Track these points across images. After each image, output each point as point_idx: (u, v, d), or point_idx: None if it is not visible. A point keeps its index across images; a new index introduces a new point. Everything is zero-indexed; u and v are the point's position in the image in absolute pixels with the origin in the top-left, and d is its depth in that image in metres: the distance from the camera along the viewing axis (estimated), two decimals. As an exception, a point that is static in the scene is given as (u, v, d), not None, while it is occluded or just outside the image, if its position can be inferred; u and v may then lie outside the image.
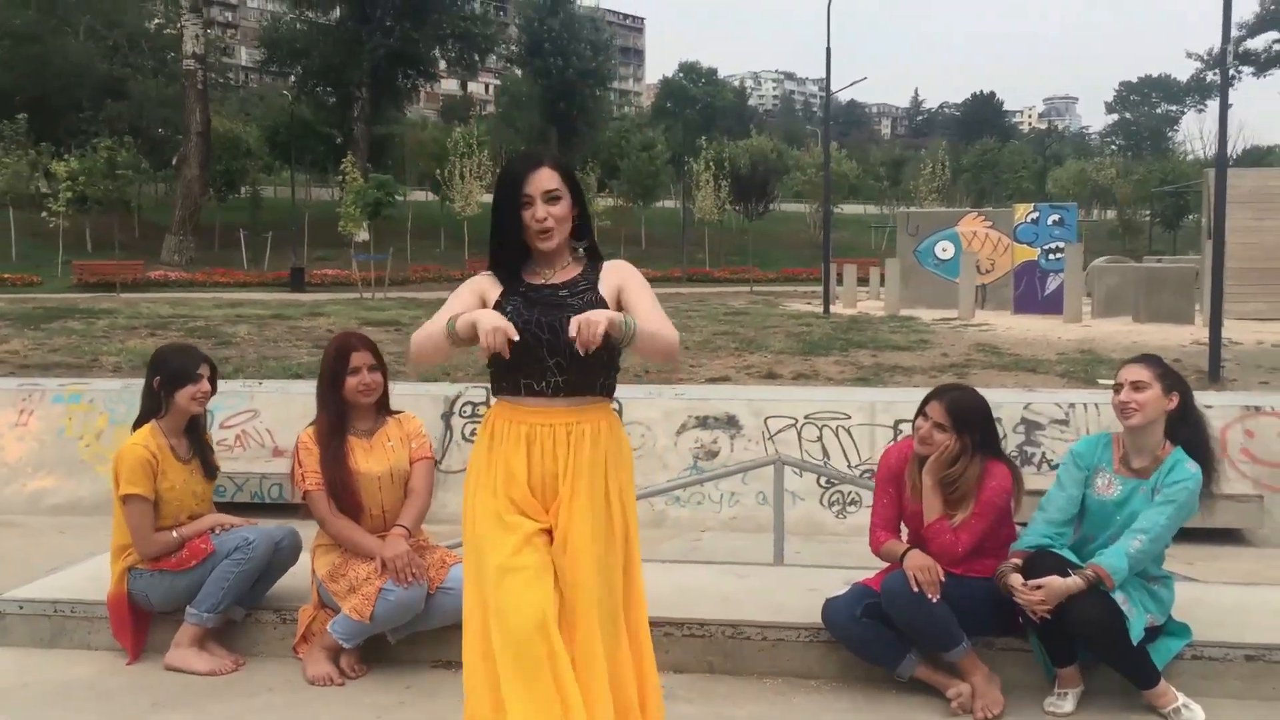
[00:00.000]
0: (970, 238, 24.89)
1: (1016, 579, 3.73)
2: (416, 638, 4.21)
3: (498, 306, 3.08)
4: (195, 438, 4.39)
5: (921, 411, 3.98)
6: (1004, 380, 12.01)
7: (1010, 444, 8.18)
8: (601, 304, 3.09)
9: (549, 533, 3.10)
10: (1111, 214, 57.97)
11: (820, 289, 31.91)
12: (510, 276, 3.16)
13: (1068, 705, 3.78)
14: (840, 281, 26.85)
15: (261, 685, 4.07)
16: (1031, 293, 23.60)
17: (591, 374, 3.10)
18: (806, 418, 8.37)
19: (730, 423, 7.38)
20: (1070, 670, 3.81)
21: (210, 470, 4.41)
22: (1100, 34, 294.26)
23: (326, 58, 52.51)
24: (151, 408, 4.29)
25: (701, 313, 24.83)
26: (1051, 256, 23.42)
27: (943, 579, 3.77)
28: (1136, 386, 3.85)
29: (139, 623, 4.31)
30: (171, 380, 4.24)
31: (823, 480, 7.90)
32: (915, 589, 3.74)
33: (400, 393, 6.42)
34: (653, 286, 3.27)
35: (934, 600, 3.74)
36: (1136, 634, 3.66)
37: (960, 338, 16.51)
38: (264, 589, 4.39)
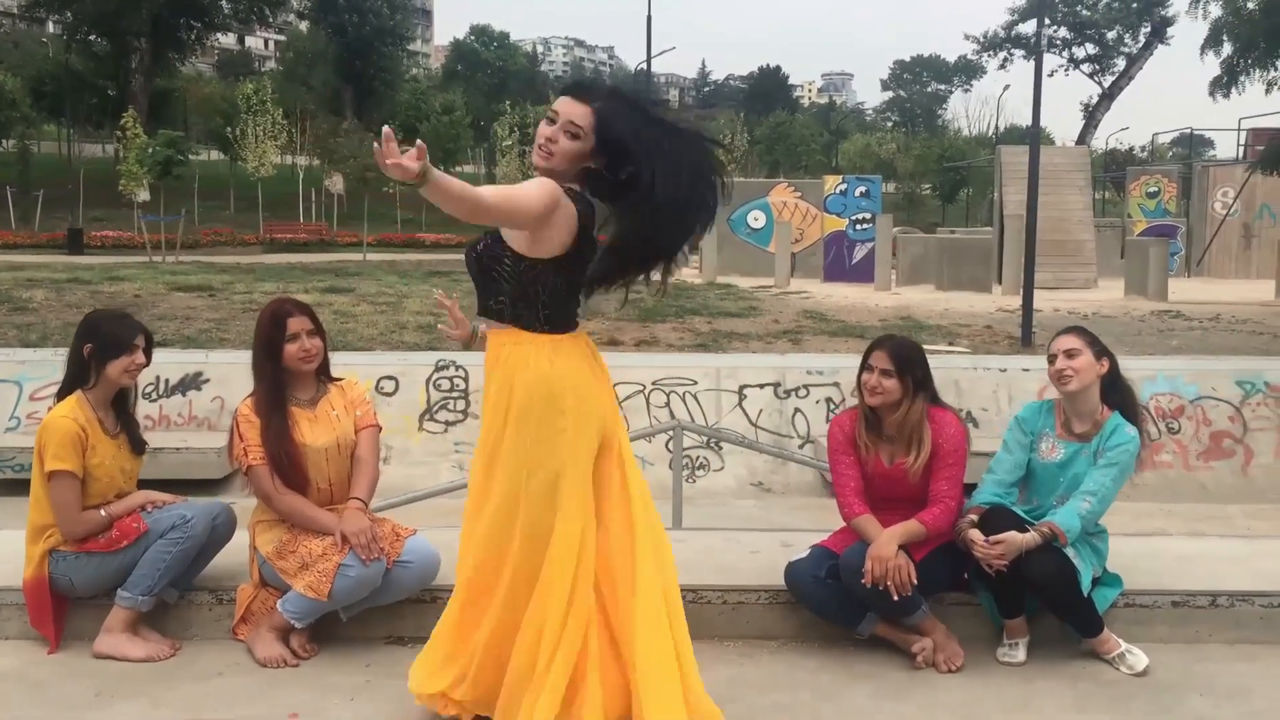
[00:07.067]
0: (781, 207, 25.56)
1: (976, 534, 3.90)
2: (367, 614, 4.08)
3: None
4: (122, 411, 4.09)
5: (865, 366, 4.08)
6: (836, 346, 12.47)
7: (849, 406, 8.55)
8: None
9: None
10: (893, 187, 60.61)
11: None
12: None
13: (1019, 654, 3.99)
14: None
15: (209, 669, 3.85)
16: (840, 261, 24.46)
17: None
18: (654, 384, 8.51)
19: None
20: (1018, 621, 4.02)
21: (139, 445, 4.12)
22: (873, 13, 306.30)
23: (101, 4, 49.00)
24: (78, 377, 3.97)
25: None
26: (858, 227, 24.34)
27: (914, 578, 3.82)
28: (1070, 354, 4.09)
29: (58, 609, 4.00)
30: (104, 350, 3.93)
31: (669, 444, 8.05)
32: (882, 588, 3.79)
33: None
34: (453, 252, 3.48)
35: (904, 595, 3.82)
36: (1086, 585, 3.91)
37: (786, 305, 16.99)
38: (198, 569, 4.15)
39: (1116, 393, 4.16)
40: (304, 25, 72.34)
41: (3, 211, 41.81)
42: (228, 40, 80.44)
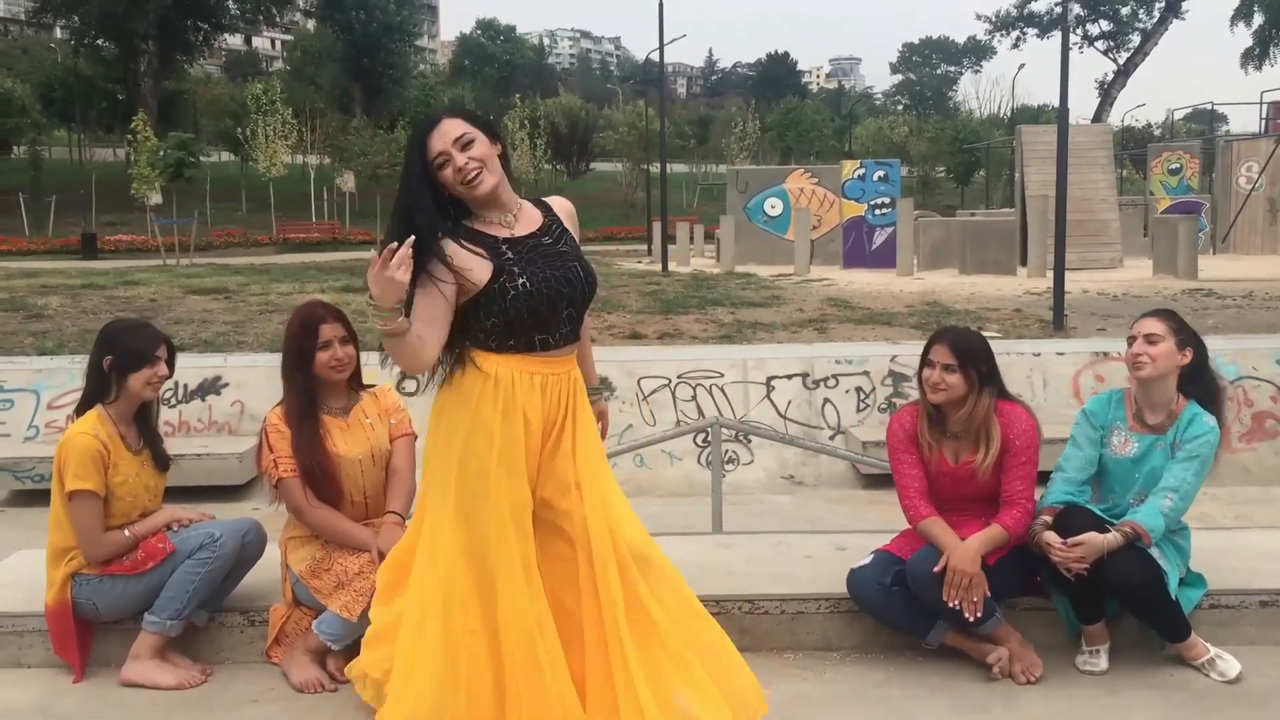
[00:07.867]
0: (798, 194, 25.28)
1: (1053, 536, 3.64)
2: (406, 632, 3.85)
3: (499, 273, 2.99)
4: (145, 425, 3.87)
5: (925, 361, 3.84)
6: (863, 334, 12.20)
7: (880, 395, 8.31)
8: (576, 245, 3.20)
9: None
10: (907, 170, 60.26)
11: (645, 247, 32.01)
12: (472, 236, 3.03)
13: (1101, 662, 3.74)
14: (674, 240, 26.88)
15: (243, 696, 3.64)
16: (859, 247, 24.15)
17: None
18: (679, 377, 8.29)
19: (602, 385, 7.23)
20: (1098, 627, 3.77)
21: (163, 461, 3.90)
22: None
23: (106, 6, 48.91)
24: (98, 390, 3.75)
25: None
26: (878, 212, 24.04)
27: (987, 591, 3.60)
28: (1150, 339, 3.81)
29: (83, 635, 3.79)
30: (124, 362, 3.71)
31: (699, 439, 7.82)
32: (955, 605, 3.58)
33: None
34: None
35: (976, 615, 3.60)
36: (1173, 587, 3.65)
37: (808, 293, 16.72)
38: (228, 589, 3.93)
39: (1198, 385, 3.87)
40: (311, 24, 72.35)
41: (16, 218, 41.83)
42: (235, 41, 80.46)
